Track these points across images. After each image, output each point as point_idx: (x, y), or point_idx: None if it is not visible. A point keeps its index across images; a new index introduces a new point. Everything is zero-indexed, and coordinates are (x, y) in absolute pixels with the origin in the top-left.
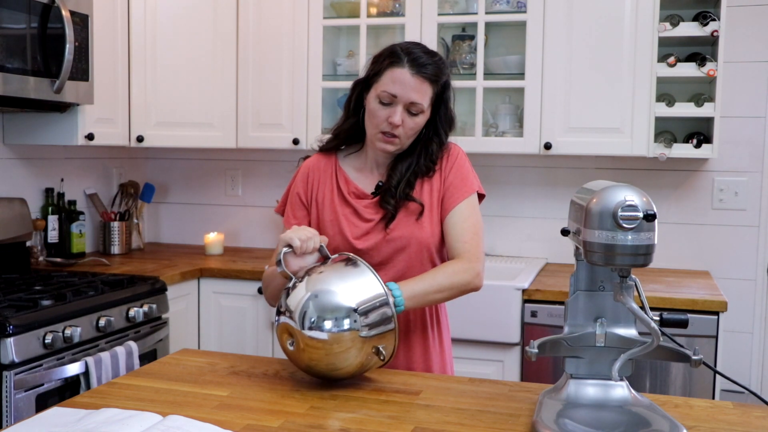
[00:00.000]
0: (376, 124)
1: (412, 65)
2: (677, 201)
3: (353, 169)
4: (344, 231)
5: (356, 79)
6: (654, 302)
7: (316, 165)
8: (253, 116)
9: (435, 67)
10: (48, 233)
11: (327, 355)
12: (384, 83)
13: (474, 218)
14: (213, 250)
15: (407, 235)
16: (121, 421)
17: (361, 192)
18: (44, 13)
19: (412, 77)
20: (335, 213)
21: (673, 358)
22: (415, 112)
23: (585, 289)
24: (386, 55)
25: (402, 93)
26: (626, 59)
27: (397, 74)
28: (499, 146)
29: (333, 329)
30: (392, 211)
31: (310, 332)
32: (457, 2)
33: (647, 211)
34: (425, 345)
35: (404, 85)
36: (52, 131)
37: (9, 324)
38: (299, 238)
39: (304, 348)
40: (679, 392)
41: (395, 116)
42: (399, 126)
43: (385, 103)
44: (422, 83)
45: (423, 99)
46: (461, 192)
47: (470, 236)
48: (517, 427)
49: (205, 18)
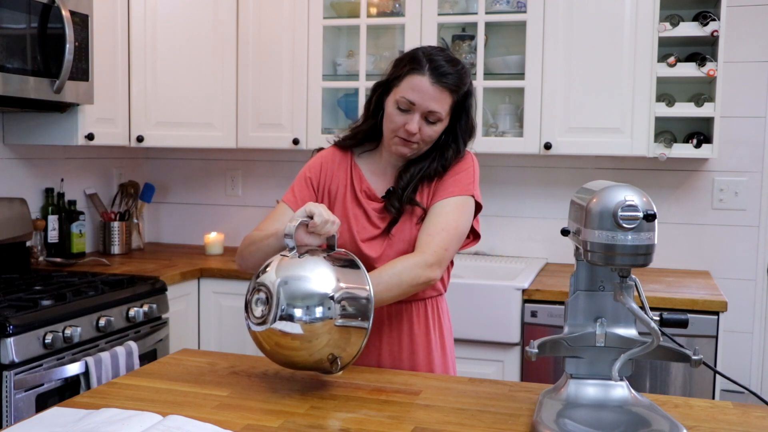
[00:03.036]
0: (393, 129)
1: (432, 73)
2: (677, 201)
3: (367, 169)
4: (352, 230)
5: (377, 81)
6: (654, 302)
7: (332, 157)
8: (253, 116)
9: (456, 77)
10: (48, 233)
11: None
12: (403, 89)
13: (452, 216)
14: (213, 250)
15: (408, 239)
16: (121, 421)
17: (373, 193)
18: (44, 13)
19: (431, 86)
20: (345, 210)
21: (673, 358)
22: (433, 120)
23: (585, 289)
24: (407, 61)
25: (420, 101)
26: (626, 59)
27: (416, 82)
28: (499, 146)
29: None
30: (395, 214)
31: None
32: (457, 2)
33: (647, 211)
34: (428, 348)
35: (423, 94)
36: (52, 131)
37: (9, 324)
38: (322, 216)
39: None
40: (679, 392)
41: (412, 124)
42: (416, 134)
43: (402, 109)
44: (442, 92)
45: (442, 108)
46: (451, 189)
47: (437, 230)
48: (517, 427)
49: (205, 18)
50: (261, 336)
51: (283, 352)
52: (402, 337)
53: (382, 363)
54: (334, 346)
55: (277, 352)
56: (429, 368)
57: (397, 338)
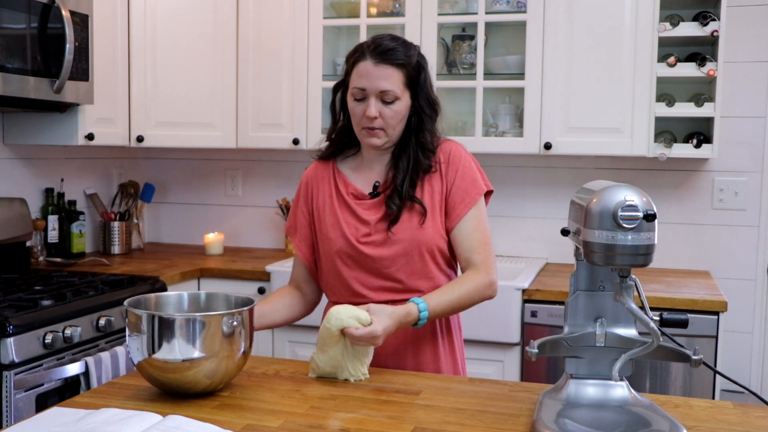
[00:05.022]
0: (357, 121)
1: (372, 54)
2: (677, 201)
3: (350, 170)
4: (346, 234)
5: (335, 83)
6: (654, 302)
7: (314, 174)
8: (253, 116)
9: (397, 51)
10: (48, 233)
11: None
12: (353, 80)
13: (483, 226)
14: (213, 250)
15: (409, 237)
16: (121, 421)
17: (360, 192)
18: (44, 13)
19: (375, 67)
20: (336, 216)
21: (673, 358)
22: (389, 100)
23: (585, 289)
24: (351, 53)
25: (369, 84)
26: (626, 59)
27: (361, 68)
28: (499, 146)
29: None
30: (396, 212)
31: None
32: (457, 2)
33: (647, 211)
34: (435, 349)
35: (369, 77)
36: (52, 131)
37: (9, 324)
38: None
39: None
40: (679, 392)
41: (370, 108)
42: (376, 117)
43: (358, 99)
44: (386, 69)
45: (392, 85)
46: (468, 199)
47: (483, 247)
48: (517, 427)
49: (205, 18)
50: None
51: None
52: (407, 336)
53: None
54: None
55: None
56: (436, 369)
57: (402, 338)
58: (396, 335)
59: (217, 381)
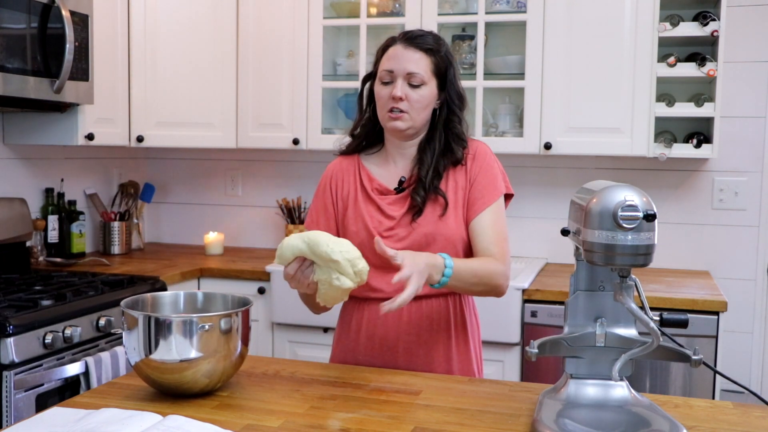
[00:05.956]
0: (383, 104)
1: (403, 39)
2: (677, 201)
3: (375, 166)
4: (369, 226)
5: (365, 75)
6: (654, 302)
7: (338, 167)
8: (253, 116)
9: (428, 38)
10: (48, 233)
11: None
12: (382, 64)
13: (500, 223)
14: (213, 250)
15: (432, 231)
16: (121, 421)
17: (384, 188)
18: (44, 13)
19: (405, 50)
20: (359, 209)
21: (673, 358)
22: (416, 83)
23: (585, 289)
24: (382, 45)
25: (397, 66)
26: (626, 59)
27: (390, 52)
28: (499, 146)
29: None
30: (420, 204)
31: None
32: (457, 2)
33: (647, 211)
34: (447, 347)
35: (398, 59)
36: (52, 131)
37: (9, 324)
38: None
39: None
40: (679, 392)
41: (396, 89)
42: (402, 99)
43: (386, 82)
44: (416, 53)
45: (420, 68)
46: (489, 195)
47: (501, 242)
48: (517, 427)
49: (206, 18)
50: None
51: None
52: (421, 334)
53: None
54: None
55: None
56: (447, 369)
57: (415, 336)
58: (409, 333)
59: (216, 380)
